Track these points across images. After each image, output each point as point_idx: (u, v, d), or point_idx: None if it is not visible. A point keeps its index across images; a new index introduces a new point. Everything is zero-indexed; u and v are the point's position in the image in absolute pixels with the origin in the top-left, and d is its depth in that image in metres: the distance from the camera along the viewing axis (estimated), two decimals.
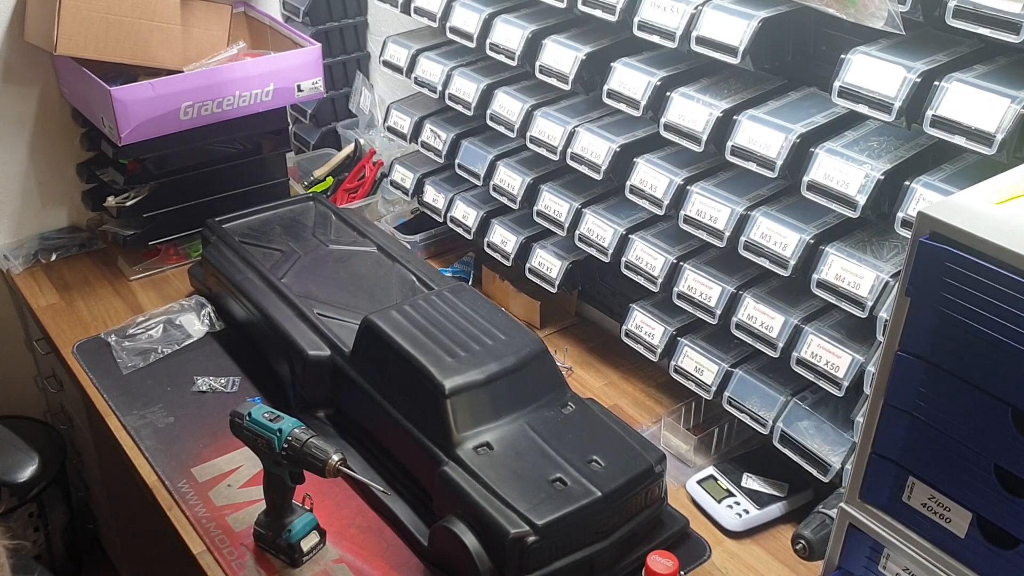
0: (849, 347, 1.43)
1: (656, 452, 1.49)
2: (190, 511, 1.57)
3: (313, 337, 1.72)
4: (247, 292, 1.86)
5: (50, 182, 2.29)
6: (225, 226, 2.06)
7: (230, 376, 1.86)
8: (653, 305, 1.77)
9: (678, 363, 1.69)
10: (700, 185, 1.57)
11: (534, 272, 1.94)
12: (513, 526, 1.33)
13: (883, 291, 1.35)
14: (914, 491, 1.06)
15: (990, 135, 1.19)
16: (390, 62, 2.09)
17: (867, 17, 1.27)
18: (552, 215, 1.84)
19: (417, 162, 2.21)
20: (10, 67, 2.14)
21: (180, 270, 2.20)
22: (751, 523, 1.56)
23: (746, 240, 1.49)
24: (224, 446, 1.66)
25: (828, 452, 1.48)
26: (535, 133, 1.80)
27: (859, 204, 1.34)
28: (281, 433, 1.40)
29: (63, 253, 2.27)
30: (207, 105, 2.05)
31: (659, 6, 1.51)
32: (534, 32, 1.77)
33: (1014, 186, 1.00)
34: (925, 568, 1.07)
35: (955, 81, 1.23)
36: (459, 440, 1.45)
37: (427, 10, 1.94)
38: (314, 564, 1.48)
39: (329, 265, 1.95)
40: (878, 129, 1.43)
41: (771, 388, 1.57)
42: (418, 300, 1.68)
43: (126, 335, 1.95)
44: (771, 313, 1.52)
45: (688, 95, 1.53)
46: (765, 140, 1.43)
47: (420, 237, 2.26)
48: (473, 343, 1.56)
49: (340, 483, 1.59)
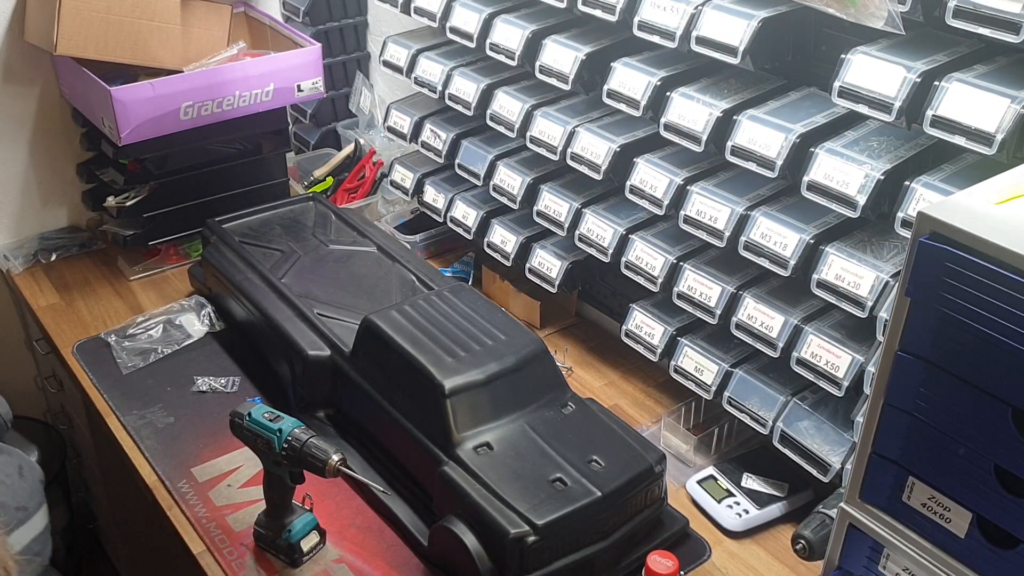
0: (849, 347, 1.43)
1: (656, 452, 1.49)
2: (190, 511, 1.57)
3: (313, 337, 1.72)
4: (247, 292, 1.86)
5: (50, 182, 2.29)
6: (225, 226, 2.06)
7: (230, 376, 1.86)
8: (653, 305, 1.77)
9: (678, 363, 1.69)
10: (700, 185, 1.57)
11: (534, 272, 1.94)
12: (513, 526, 1.33)
13: (883, 291, 1.35)
14: (914, 491, 1.06)
15: (990, 135, 1.19)
16: (390, 62, 2.09)
17: (867, 17, 1.27)
18: (552, 215, 1.84)
19: (417, 162, 2.21)
20: (10, 67, 2.14)
21: (180, 270, 2.20)
22: (751, 523, 1.56)
23: (746, 240, 1.49)
24: (224, 446, 1.67)
25: (828, 452, 1.48)
26: (535, 133, 1.80)
27: (859, 204, 1.34)
28: (281, 433, 1.40)
29: (63, 253, 2.27)
30: (207, 105, 2.05)
31: (659, 6, 1.51)
32: (534, 32, 1.77)
33: (1014, 186, 1.00)
34: (925, 568, 1.07)
35: (955, 81, 1.23)
36: (459, 440, 1.45)
37: (427, 10, 1.94)
38: (314, 564, 1.48)
39: (329, 265, 1.95)
40: (878, 129, 1.43)
41: (771, 388, 1.57)
42: (418, 300, 1.68)
43: (126, 335, 1.95)
44: (771, 313, 1.52)
45: (688, 95, 1.53)
46: (765, 140, 1.43)
47: (420, 237, 2.26)
48: (473, 343, 1.56)
49: (340, 483, 1.59)
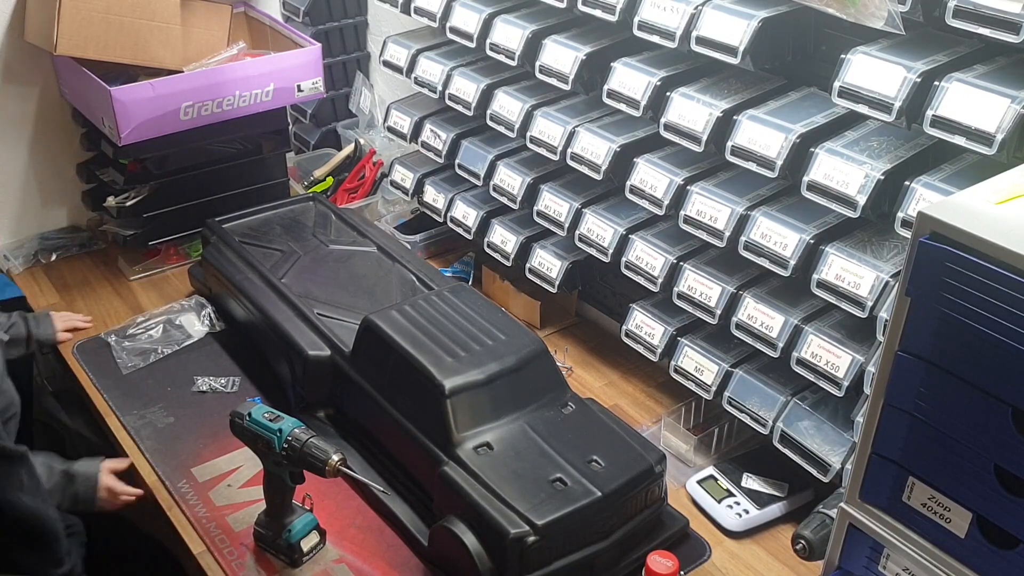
0: (849, 347, 1.43)
1: (656, 452, 1.49)
2: (190, 511, 1.57)
3: (313, 337, 1.72)
4: (247, 292, 1.86)
5: (50, 182, 2.29)
6: (225, 226, 2.06)
7: (230, 376, 1.86)
8: (653, 305, 1.77)
9: (678, 363, 1.69)
10: (700, 185, 1.57)
11: (534, 272, 1.94)
12: (513, 526, 1.33)
13: (883, 291, 1.35)
14: (914, 491, 1.06)
15: (990, 135, 1.19)
16: (390, 62, 2.09)
17: (867, 17, 1.27)
18: (552, 215, 1.84)
19: (417, 162, 2.21)
20: (10, 67, 2.14)
21: (180, 270, 2.20)
22: (751, 523, 1.56)
23: (746, 240, 1.49)
24: (224, 446, 1.66)
25: (828, 452, 1.48)
26: (535, 133, 1.80)
27: (859, 204, 1.34)
28: (281, 433, 1.40)
29: (63, 253, 2.27)
30: (207, 105, 2.05)
31: (659, 6, 1.51)
32: (534, 32, 1.77)
33: (1014, 186, 1.00)
34: (925, 568, 1.07)
35: (955, 81, 1.23)
36: (459, 440, 1.45)
37: (427, 10, 1.94)
38: (314, 564, 1.48)
39: (329, 265, 1.95)
40: (878, 129, 1.43)
41: (771, 388, 1.57)
42: (418, 300, 1.68)
43: (126, 335, 1.95)
44: (771, 313, 1.52)
45: (688, 95, 1.53)
46: (765, 140, 1.43)
47: (420, 237, 2.26)
48: (473, 343, 1.56)
49: (340, 483, 1.58)
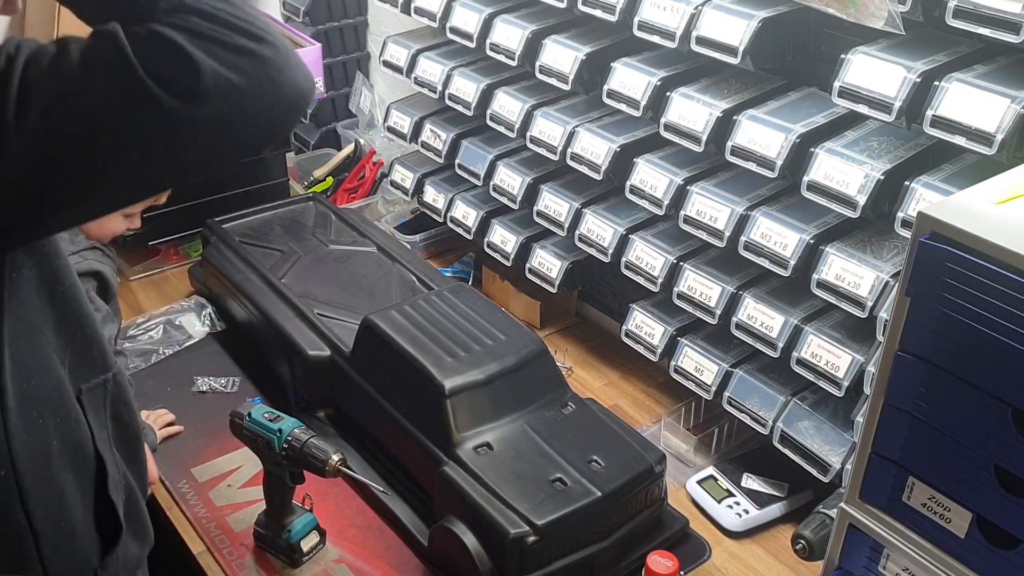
0: (849, 347, 1.43)
1: (656, 452, 1.49)
2: (190, 511, 1.57)
3: (313, 337, 1.72)
4: (247, 292, 1.86)
5: None
6: (225, 226, 2.06)
7: (230, 376, 1.86)
8: (653, 305, 1.77)
9: (678, 363, 1.69)
10: (700, 185, 1.57)
11: (534, 272, 1.94)
12: (513, 526, 1.33)
13: (883, 291, 1.35)
14: (914, 491, 1.06)
15: (990, 135, 1.18)
16: (390, 62, 2.09)
17: (867, 17, 1.27)
18: (552, 215, 1.84)
19: (417, 162, 2.21)
20: None
21: (180, 270, 2.20)
22: (751, 523, 1.56)
23: (746, 240, 1.49)
24: (224, 446, 1.66)
25: (828, 452, 1.48)
26: (535, 133, 1.80)
27: (859, 204, 1.33)
28: (281, 433, 1.40)
29: None
30: None
31: (659, 6, 1.51)
32: (534, 32, 1.77)
33: (1014, 186, 1.00)
34: (925, 568, 1.07)
35: (955, 81, 1.22)
36: (459, 440, 1.45)
37: (427, 10, 1.94)
38: (314, 564, 1.48)
39: (329, 265, 1.95)
40: (878, 129, 1.43)
41: (771, 388, 1.57)
42: (418, 300, 1.68)
43: (126, 335, 1.95)
44: (771, 313, 1.52)
45: (688, 95, 1.53)
46: (765, 140, 1.43)
47: (420, 237, 2.26)
48: (473, 343, 1.56)
49: (340, 483, 1.58)
